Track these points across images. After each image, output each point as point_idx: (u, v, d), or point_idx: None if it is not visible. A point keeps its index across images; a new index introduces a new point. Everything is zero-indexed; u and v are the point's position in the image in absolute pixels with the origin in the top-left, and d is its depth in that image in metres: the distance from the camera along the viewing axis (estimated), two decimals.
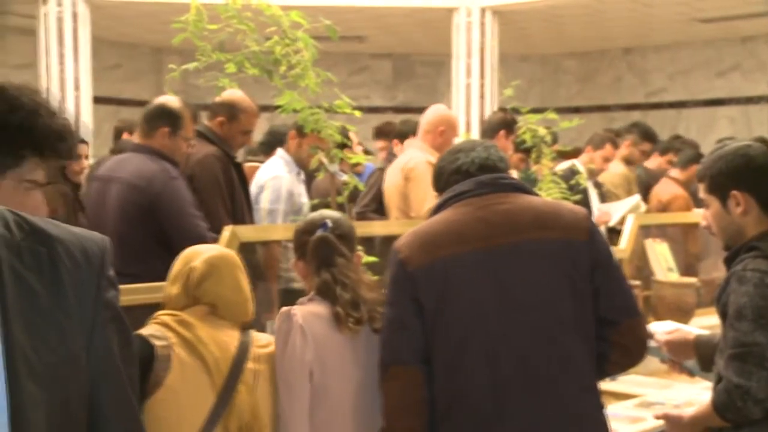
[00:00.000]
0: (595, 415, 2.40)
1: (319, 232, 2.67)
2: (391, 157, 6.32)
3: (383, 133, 7.11)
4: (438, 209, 2.48)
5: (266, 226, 4.43)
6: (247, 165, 4.95)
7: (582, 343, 2.36)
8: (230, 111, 4.30)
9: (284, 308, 2.59)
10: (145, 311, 2.57)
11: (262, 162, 5.23)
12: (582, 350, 2.36)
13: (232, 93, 4.20)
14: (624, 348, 2.43)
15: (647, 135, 6.70)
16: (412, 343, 2.33)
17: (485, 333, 2.31)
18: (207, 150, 4.18)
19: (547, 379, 2.31)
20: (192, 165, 4.11)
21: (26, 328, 1.26)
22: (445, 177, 2.53)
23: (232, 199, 4.16)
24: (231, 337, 2.50)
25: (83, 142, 4.89)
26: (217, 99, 4.30)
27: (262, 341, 2.59)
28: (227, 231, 3.24)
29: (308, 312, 2.58)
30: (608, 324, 2.39)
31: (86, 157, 4.76)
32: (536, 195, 2.56)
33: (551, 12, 10.43)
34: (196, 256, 2.57)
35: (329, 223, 2.69)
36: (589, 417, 2.38)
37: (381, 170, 5.69)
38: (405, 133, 6.29)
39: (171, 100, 3.97)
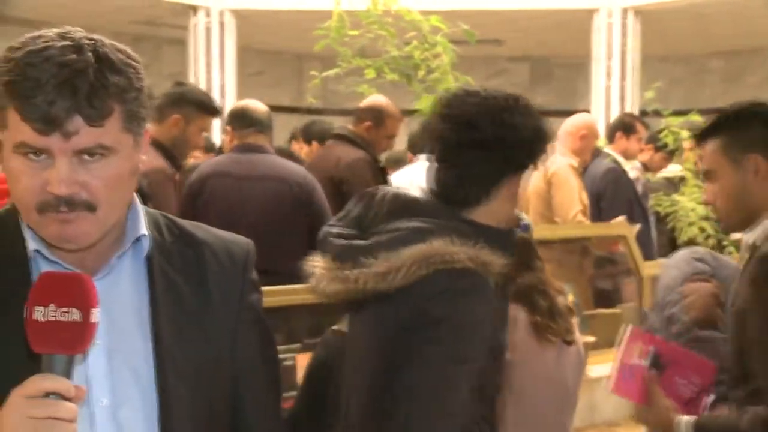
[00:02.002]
0: None
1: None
2: None
3: None
4: None
5: None
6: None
7: None
8: (377, 116, 4.36)
9: None
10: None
11: None
12: None
13: (377, 98, 4.26)
14: None
15: None
16: None
17: None
18: (355, 154, 4.23)
19: None
20: (342, 169, 4.17)
21: (174, 329, 1.30)
22: None
23: None
24: None
25: None
26: (363, 104, 4.36)
27: None
28: None
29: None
30: None
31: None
32: None
33: (696, 10, 10.07)
34: None
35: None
36: None
37: None
38: None
39: (258, 104, 3.98)
